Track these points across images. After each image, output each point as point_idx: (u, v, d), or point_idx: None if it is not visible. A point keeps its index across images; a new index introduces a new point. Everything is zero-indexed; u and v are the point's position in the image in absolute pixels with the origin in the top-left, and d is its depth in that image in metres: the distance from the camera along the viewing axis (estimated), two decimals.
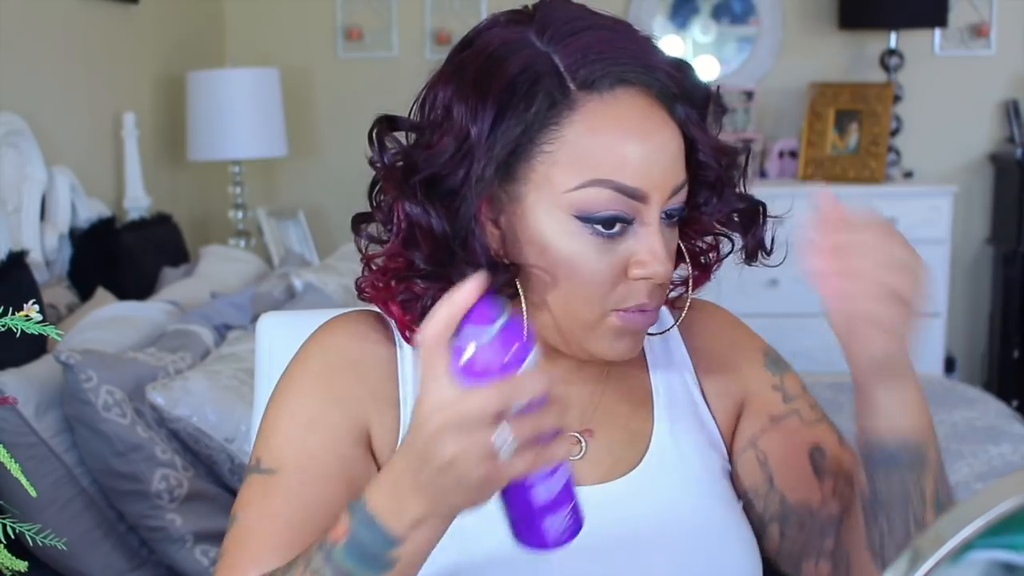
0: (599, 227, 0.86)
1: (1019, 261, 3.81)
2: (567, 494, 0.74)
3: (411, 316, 0.92)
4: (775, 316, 3.64)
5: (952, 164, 4.02)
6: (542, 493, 0.72)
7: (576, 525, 0.75)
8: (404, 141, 0.92)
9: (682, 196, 0.89)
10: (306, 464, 0.88)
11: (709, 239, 0.98)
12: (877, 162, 3.77)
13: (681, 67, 0.89)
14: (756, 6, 4.02)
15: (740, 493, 1.00)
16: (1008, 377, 3.89)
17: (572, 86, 0.85)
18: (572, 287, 0.87)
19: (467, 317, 0.69)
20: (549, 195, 0.86)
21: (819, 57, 4.00)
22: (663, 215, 0.88)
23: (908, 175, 3.95)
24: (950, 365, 3.93)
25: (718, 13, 4.07)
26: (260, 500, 0.88)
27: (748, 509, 0.99)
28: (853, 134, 3.82)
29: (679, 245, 0.94)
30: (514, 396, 0.67)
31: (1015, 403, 3.73)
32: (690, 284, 0.97)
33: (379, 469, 0.90)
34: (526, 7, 0.90)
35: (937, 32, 3.96)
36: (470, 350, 0.68)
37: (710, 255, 0.99)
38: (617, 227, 0.86)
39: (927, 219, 3.66)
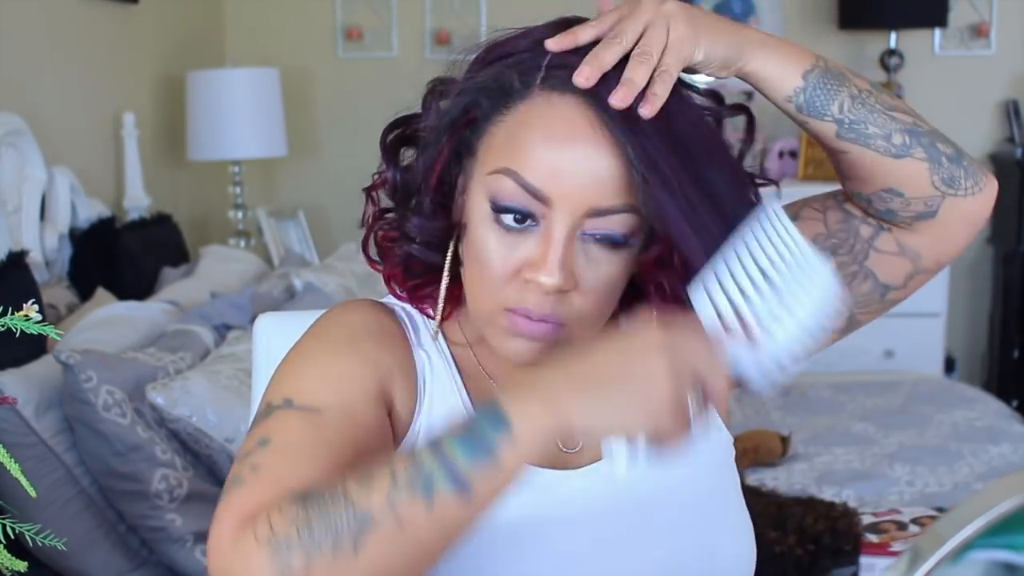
0: (503, 217, 0.86)
1: (1019, 261, 3.81)
2: None
3: (412, 282, 0.97)
4: None
5: None
6: None
7: None
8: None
9: (614, 224, 0.85)
10: (348, 411, 0.86)
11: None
12: None
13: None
14: (756, 6, 4.02)
15: None
16: (1008, 377, 3.89)
17: (537, 82, 0.86)
18: (475, 271, 0.90)
19: None
20: (480, 175, 0.89)
21: None
22: (590, 235, 0.86)
23: None
24: (950, 365, 3.93)
25: (718, 13, 4.06)
26: (306, 429, 0.82)
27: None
28: None
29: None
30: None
31: (1015, 403, 3.73)
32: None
33: (393, 435, 0.91)
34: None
35: (937, 32, 3.96)
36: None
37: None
38: (524, 224, 0.86)
39: None
